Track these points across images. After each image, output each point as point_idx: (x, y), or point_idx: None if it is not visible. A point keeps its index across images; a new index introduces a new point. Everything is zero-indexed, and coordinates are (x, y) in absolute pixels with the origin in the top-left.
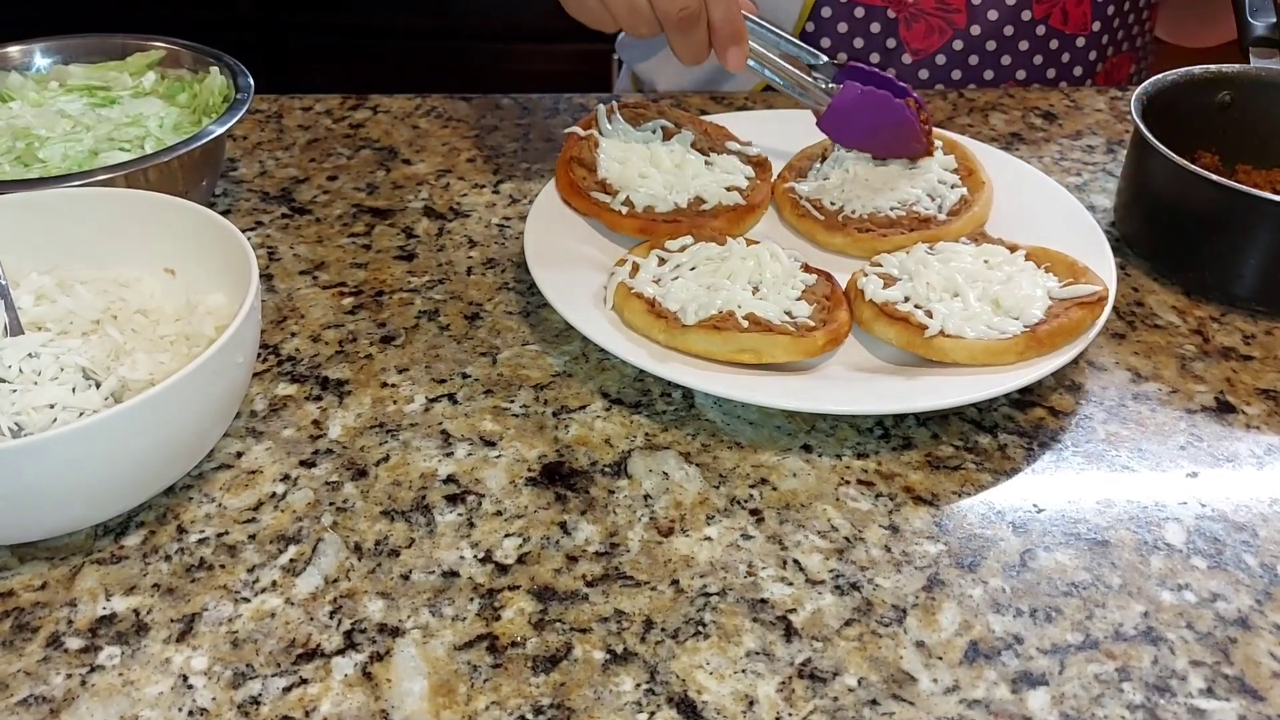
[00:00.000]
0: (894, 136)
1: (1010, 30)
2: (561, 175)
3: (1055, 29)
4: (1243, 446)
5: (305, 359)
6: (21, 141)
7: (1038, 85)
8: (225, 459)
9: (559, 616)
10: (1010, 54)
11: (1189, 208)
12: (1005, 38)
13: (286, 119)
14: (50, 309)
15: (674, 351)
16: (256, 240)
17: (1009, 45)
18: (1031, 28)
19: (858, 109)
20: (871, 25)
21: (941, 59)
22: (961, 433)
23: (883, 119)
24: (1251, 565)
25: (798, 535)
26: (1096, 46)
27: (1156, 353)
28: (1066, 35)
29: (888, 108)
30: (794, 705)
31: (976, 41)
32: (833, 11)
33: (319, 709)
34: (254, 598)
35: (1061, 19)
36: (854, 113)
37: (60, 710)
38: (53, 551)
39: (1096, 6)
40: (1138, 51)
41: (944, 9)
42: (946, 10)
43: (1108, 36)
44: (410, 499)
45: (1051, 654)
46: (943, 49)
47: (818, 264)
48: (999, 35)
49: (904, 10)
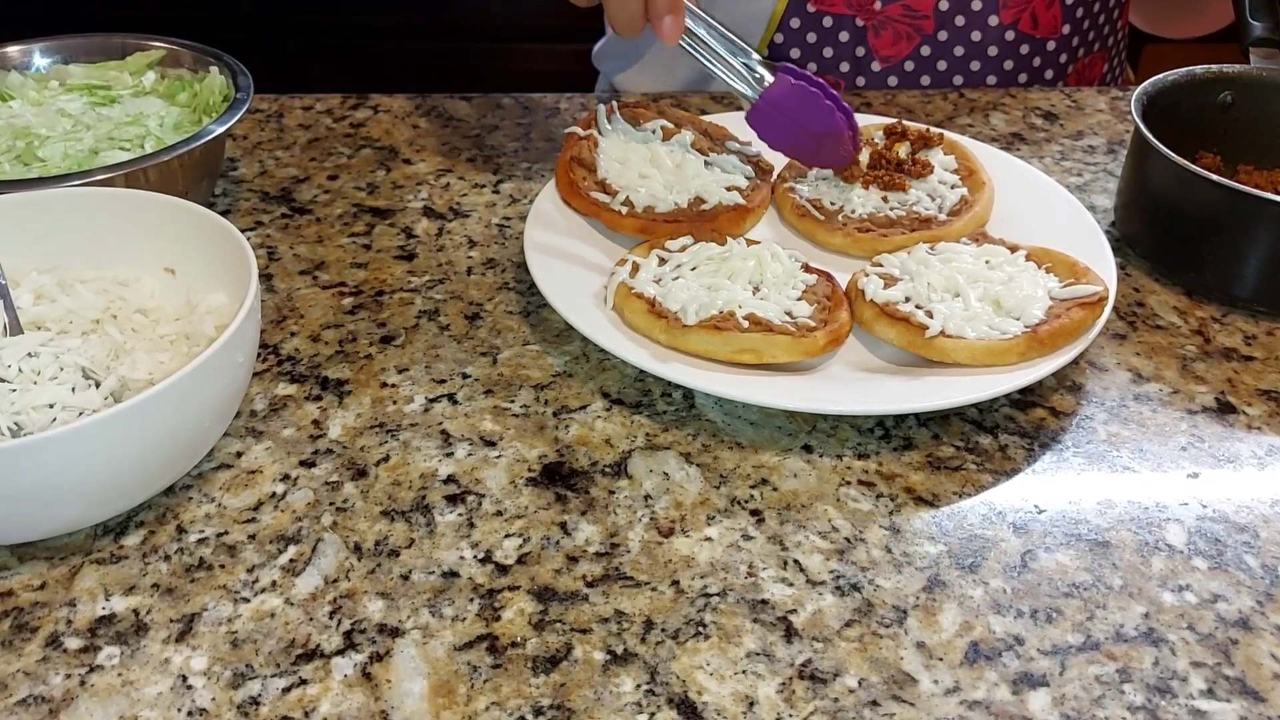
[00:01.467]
0: (821, 141)
1: (978, 35)
2: (561, 175)
3: (1025, 34)
4: (1244, 447)
5: (305, 359)
6: (22, 141)
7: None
8: (225, 459)
9: (559, 617)
10: (979, 59)
11: (1190, 208)
12: (973, 43)
13: (286, 119)
14: (50, 308)
15: (674, 351)
16: (256, 240)
17: (977, 51)
18: (1000, 33)
19: (788, 103)
20: (840, 34)
21: (910, 65)
22: (962, 433)
23: (811, 119)
24: (1253, 566)
25: (798, 536)
26: (1067, 49)
27: (1157, 353)
28: (1037, 39)
29: (817, 108)
30: (794, 706)
31: (944, 47)
32: (801, 21)
33: (318, 709)
34: (254, 598)
35: (1031, 23)
36: (784, 107)
37: (59, 710)
38: (52, 551)
39: (1066, 9)
40: (1109, 51)
41: (911, 16)
42: (914, 17)
43: (1078, 39)
44: (410, 499)
45: (1052, 655)
46: (911, 55)
47: (818, 264)
48: (966, 41)
49: (872, 19)
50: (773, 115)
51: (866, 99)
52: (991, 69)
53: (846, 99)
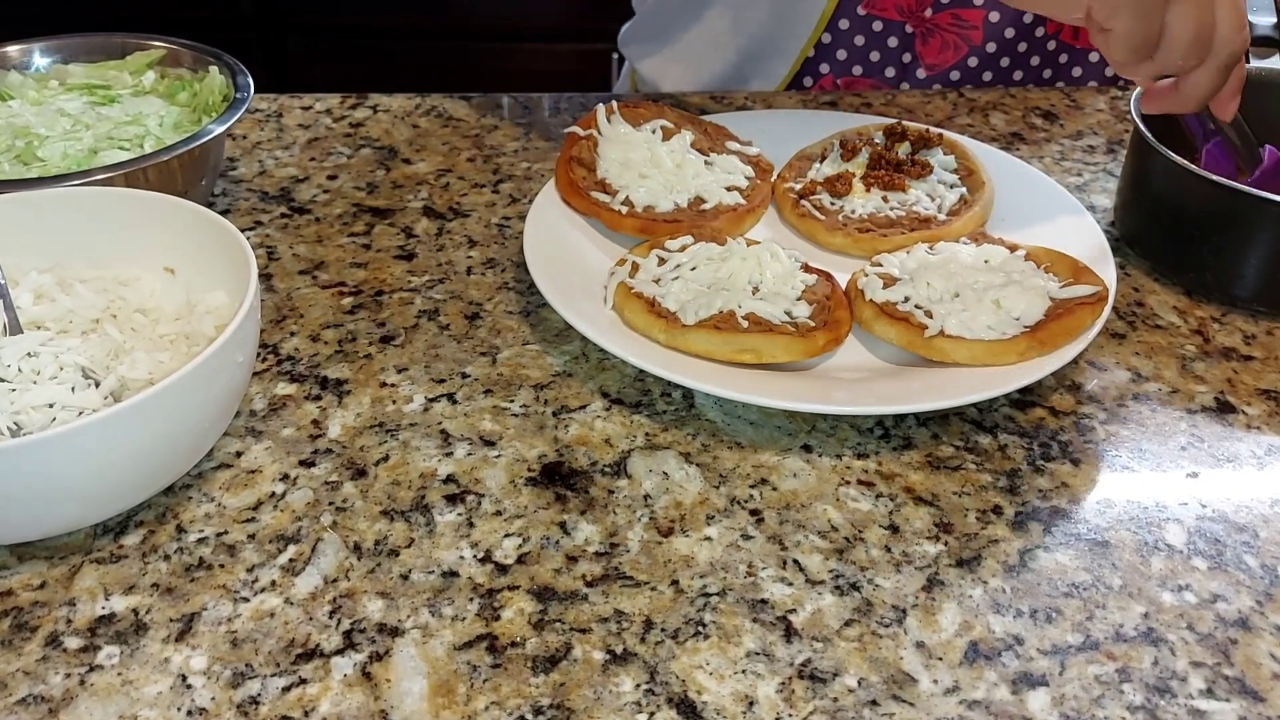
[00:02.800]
0: None
1: (1024, 46)
2: (561, 175)
3: (1066, 43)
4: (1243, 447)
5: (305, 358)
6: (21, 140)
7: (1033, 85)
8: (225, 458)
9: (559, 616)
10: (1022, 69)
11: (1189, 208)
12: (1019, 54)
13: (286, 118)
14: (50, 308)
15: (674, 351)
16: (256, 240)
17: (1021, 61)
18: (1044, 43)
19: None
20: (889, 40)
21: (955, 74)
22: (962, 433)
23: None
24: (1252, 566)
25: (798, 535)
26: None
27: (1157, 353)
28: (1077, 49)
29: None
30: (794, 706)
31: (991, 58)
32: (850, 24)
33: (318, 709)
34: (253, 597)
35: (1072, 34)
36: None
37: (59, 710)
38: (52, 551)
39: None
40: None
41: (960, 25)
42: (963, 27)
43: None
44: (410, 499)
45: (1052, 655)
46: (957, 65)
47: (818, 264)
48: (1013, 51)
49: (921, 25)
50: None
51: (866, 99)
52: (1033, 78)
53: (846, 104)
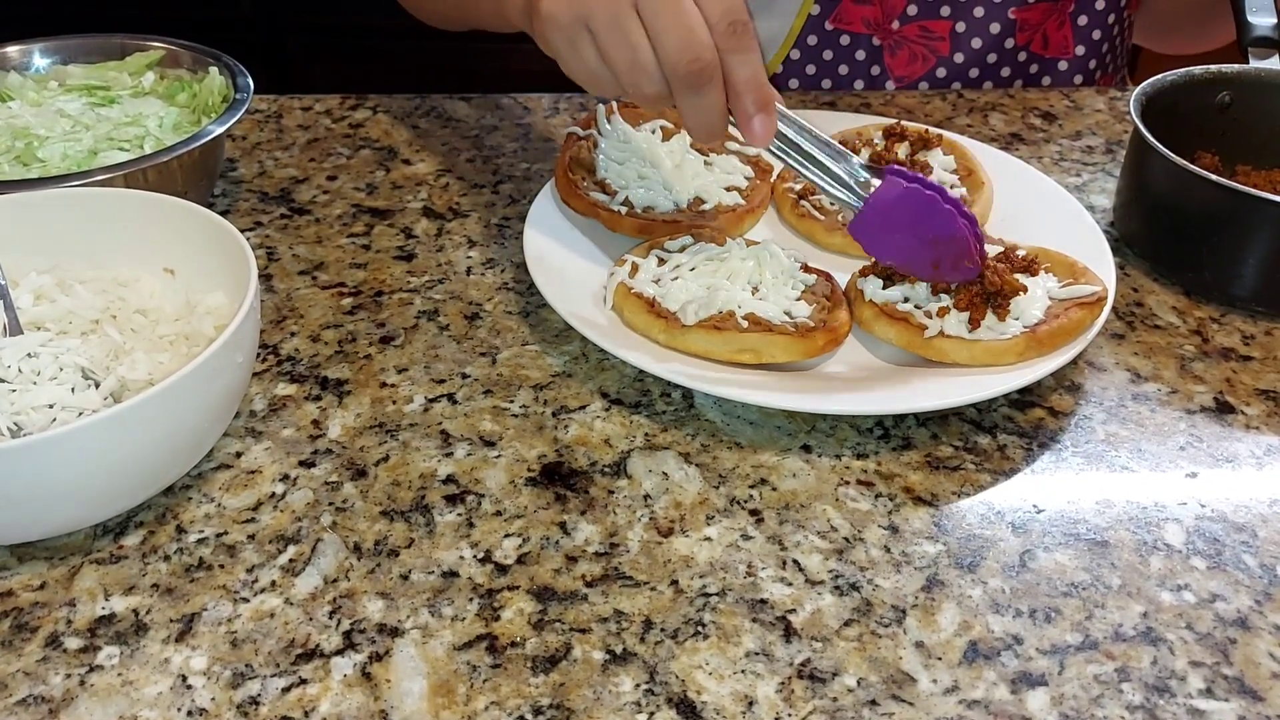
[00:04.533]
0: (941, 250)
1: (993, 58)
2: (561, 175)
3: (1036, 54)
4: (1242, 447)
5: (304, 359)
6: (21, 141)
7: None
8: (225, 459)
9: (559, 616)
10: (992, 80)
11: (1189, 208)
12: (988, 65)
13: (286, 119)
14: (49, 309)
15: (674, 351)
16: (256, 240)
17: (991, 72)
18: (1014, 54)
19: (900, 209)
20: (856, 53)
21: (924, 86)
22: (961, 433)
23: (928, 225)
24: (1251, 566)
25: (797, 535)
26: (1082, 70)
27: (1156, 353)
28: (1047, 59)
29: (935, 213)
30: (793, 706)
31: (960, 69)
32: (818, 39)
33: (318, 709)
34: (253, 598)
35: (1042, 44)
36: (895, 213)
37: (59, 710)
38: (52, 551)
39: (1078, 30)
40: (1120, 70)
41: (928, 37)
42: (930, 38)
43: (1095, 61)
44: (410, 499)
45: (1051, 654)
46: (925, 76)
47: (818, 264)
48: (981, 63)
49: (889, 38)
50: (881, 224)
51: (866, 99)
52: (1002, 89)
53: (845, 104)
